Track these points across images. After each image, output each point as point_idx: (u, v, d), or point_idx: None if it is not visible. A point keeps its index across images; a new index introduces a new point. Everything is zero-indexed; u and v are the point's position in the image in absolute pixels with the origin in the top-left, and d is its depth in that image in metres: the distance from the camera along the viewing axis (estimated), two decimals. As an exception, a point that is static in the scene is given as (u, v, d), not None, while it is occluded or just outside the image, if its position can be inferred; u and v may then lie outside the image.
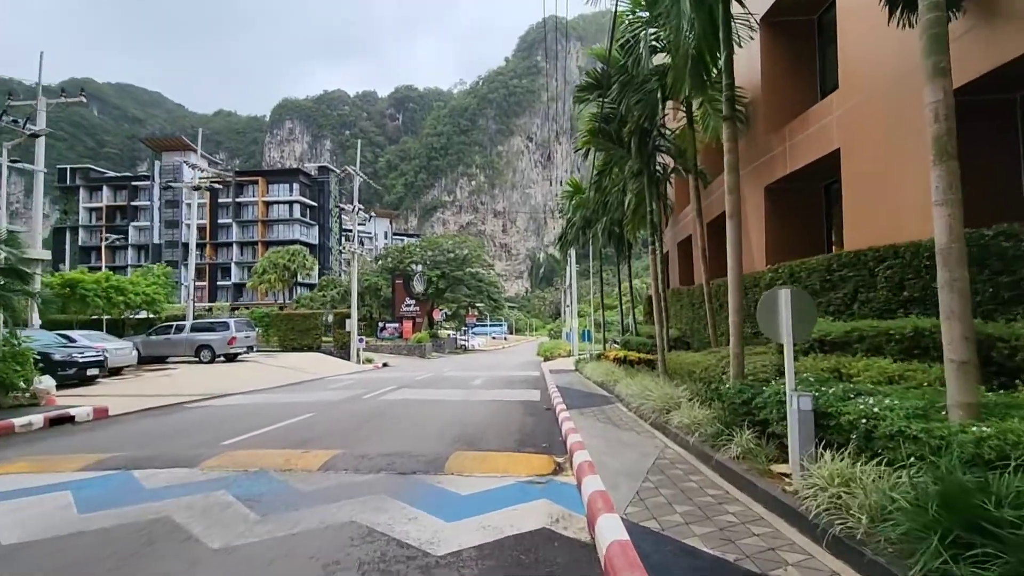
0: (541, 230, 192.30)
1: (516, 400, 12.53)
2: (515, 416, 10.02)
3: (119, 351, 18.15)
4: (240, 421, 9.69)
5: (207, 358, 22.56)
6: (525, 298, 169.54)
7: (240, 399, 13.82)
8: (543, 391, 14.47)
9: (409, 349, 40.45)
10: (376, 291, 50.54)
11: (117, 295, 22.54)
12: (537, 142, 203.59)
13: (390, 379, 19.24)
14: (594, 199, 17.09)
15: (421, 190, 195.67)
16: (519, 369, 24.51)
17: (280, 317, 30.54)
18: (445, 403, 11.99)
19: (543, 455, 6.38)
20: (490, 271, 57.24)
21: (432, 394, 13.87)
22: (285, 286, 57.75)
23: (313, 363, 25.52)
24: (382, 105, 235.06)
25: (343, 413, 10.36)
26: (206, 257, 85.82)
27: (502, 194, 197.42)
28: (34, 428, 9.42)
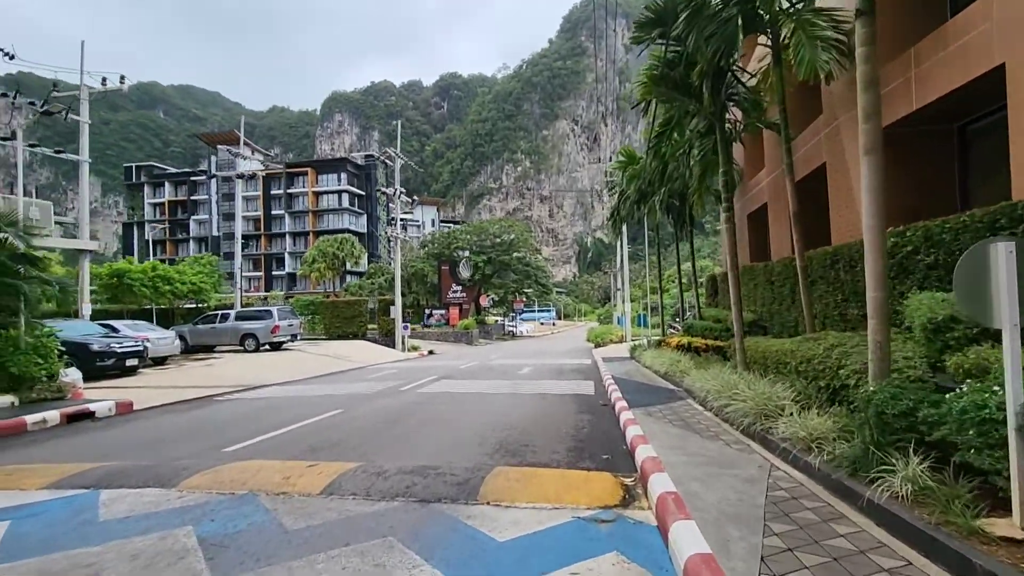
0: (588, 214, 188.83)
1: (568, 393, 11.12)
2: (567, 413, 8.62)
3: (161, 340, 17.90)
4: (260, 419, 8.73)
5: (251, 347, 22.27)
6: (573, 283, 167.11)
7: (273, 391, 13.05)
8: (597, 382, 12.99)
9: (456, 336, 39.65)
10: (423, 278, 50.02)
11: (164, 284, 22.52)
12: (583, 124, 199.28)
13: (433, 368, 18.21)
14: (651, 168, 15.28)
15: (467, 177, 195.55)
16: (569, 356, 23.05)
17: (325, 305, 30.21)
18: (488, 397, 10.72)
19: (605, 473, 4.96)
20: (537, 256, 55.75)
21: (475, 386, 12.65)
22: (335, 274, 58.21)
23: (357, 351, 24.92)
24: (427, 94, 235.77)
25: (373, 410, 9.25)
26: (261, 248, 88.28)
27: (548, 179, 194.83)
28: (48, 425, 8.78)
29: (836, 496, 3.82)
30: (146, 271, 22.14)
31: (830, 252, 8.90)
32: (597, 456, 5.77)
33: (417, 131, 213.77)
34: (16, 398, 9.70)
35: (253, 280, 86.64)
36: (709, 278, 19.64)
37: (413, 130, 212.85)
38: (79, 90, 20.24)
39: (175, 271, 23.65)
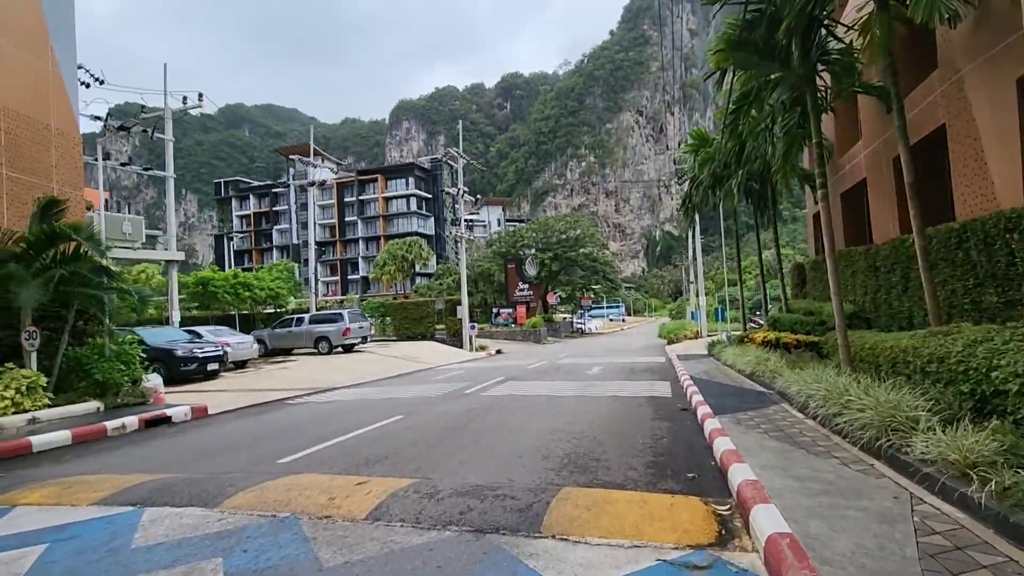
0: (656, 207, 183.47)
1: (642, 396, 10.25)
2: (642, 419, 7.80)
3: (241, 345, 18.59)
4: (322, 426, 8.54)
5: (324, 349, 22.82)
6: (642, 278, 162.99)
7: (341, 394, 13.03)
8: (673, 382, 12.00)
9: (524, 334, 39.21)
10: (489, 277, 50.01)
11: (244, 291, 23.56)
12: (648, 115, 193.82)
13: (499, 369, 17.77)
14: (726, 149, 14.02)
15: (532, 176, 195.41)
16: (641, 354, 21.93)
17: (394, 306, 30.66)
18: (556, 401, 10.06)
19: (692, 498, 4.18)
20: (604, 251, 54.30)
21: (542, 388, 12.02)
22: (404, 276, 59.55)
23: (425, 352, 24.99)
24: (490, 96, 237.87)
25: (435, 416, 8.83)
26: (336, 253, 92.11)
27: (613, 173, 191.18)
28: (127, 431, 9.02)
29: (1020, 547, 2.85)
30: (228, 279, 23.25)
31: (955, 229, 7.51)
32: (681, 474, 4.97)
33: (481, 133, 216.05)
34: (102, 403, 10.11)
35: (330, 284, 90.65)
36: (794, 267, 17.93)
37: (477, 132, 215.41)
38: (163, 111, 21.40)
39: (254, 278, 24.72)
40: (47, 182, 10.82)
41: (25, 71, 10.54)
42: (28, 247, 9.09)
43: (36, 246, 9.11)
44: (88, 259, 9.64)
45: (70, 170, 11.48)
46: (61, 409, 9.45)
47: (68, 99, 11.62)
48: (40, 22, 10.90)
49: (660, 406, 9.02)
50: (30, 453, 7.56)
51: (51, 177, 10.97)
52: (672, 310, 73.74)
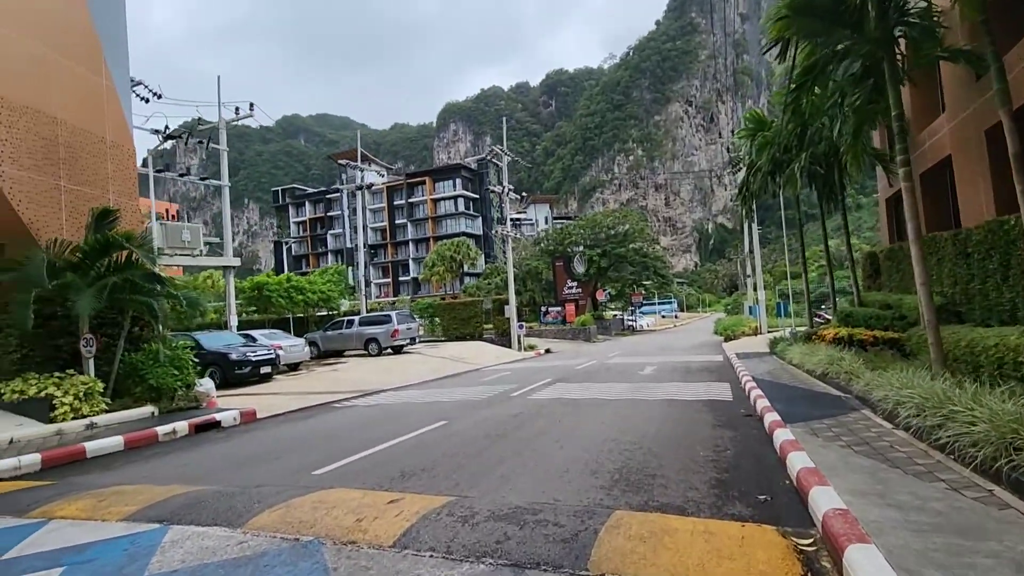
0: (708, 199, 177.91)
1: (700, 399, 9.52)
2: (702, 427, 7.14)
3: (293, 348, 18.92)
4: (363, 432, 8.33)
5: (374, 351, 23.00)
6: (695, 273, 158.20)
7: (387, 397, 12.91)
8: (734, 384, 11.16)
9: (573, 333, 38.53)
10: (537, 275, 49.56)
11: (296, 294, 24.08)
12: (697, 105, 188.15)
13: (547, 369, 17.28)
14: (787, 131, 12.97)
15: (578, 172, 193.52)
16: (696, 352, 20.90)
17: (442, 307, 30.68)
18: (606, 405, 9.48)
19: (767, 528, 3.57)
20: (655, 246, 52.72)
21: (592, 390, 11.45)
22: (453, 276, 59.96)
23: (473, 352, 24.80)
24: (535, 94, 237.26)
25: (476, 423, 8.44)
26: (387, 256, 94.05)
27: (662, 166, 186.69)
28: (177, 436, 9.11)
29: None
30: (281, 283, 23.82)
31: (1072, 207, 6.45)
32: (750, 495, 4.35)
33: (527, 132, 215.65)
34: (156, 408, 10.31)
35: (382, 286, 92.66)
36: (866, 256, 16.52)
37: (523, 131, 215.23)
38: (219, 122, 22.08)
39: (306, 282, 25.25)
40: (103, 193, 11.16)
41: (81, 86, 10.90)
42: (84, 256, 9.34)
43: (91, 255, 9.35)
44: (140, 266, 9.83)
45: (125, 180, 11.82)
46: (118, 414, 9.67)
47: (122, 112, 11.97)
48: (93, 38, 11.25)
49: (721, 411, 8.29)
50: (84, 459, 7.70)
51: (107, 188, 11.32)
52: (727, 305, 70.86)
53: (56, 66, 10.25)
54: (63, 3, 10.63)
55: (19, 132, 9.26)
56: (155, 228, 19.29)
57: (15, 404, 9.08)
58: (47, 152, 9.85)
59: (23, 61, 9.58)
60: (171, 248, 19.36)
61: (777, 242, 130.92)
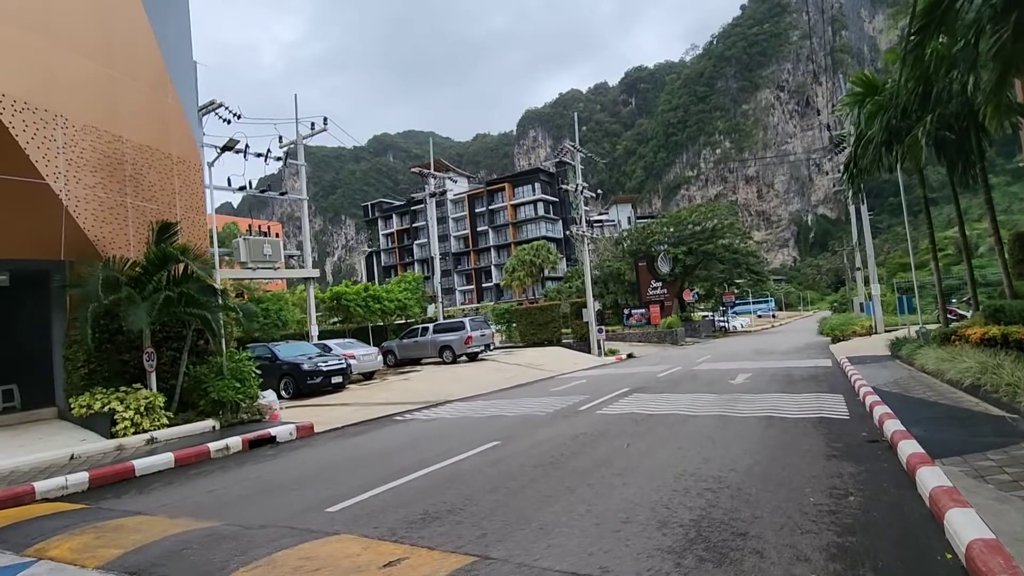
0: (805, 189, 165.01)
1: (806, 416, 7.84)
2: (812, 458, 5.61)
3: (366, 357, 18.85)
4: (408, 453, 7.56)
5: (448, 358, 22.58)
6: (794, 269, 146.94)
7: (450, 409, 12.18)
8: (849, 397, 9.26)
9: (659, 336, 36.37)
10: (619, 276, 47.58)
11: (374, 303, 24.28)
12: (790, 90, 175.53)
13: (625, 377, 15.84)
14: (907, 89, 10.77)
15: (662, 170, 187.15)
16: (798, 356, 18.47)
17: (519, 312, 29.89)
18: (687, 423, 8.06)
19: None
20: (747, 241, 48.84)
21: (671, 403, 10.00)
22: (534, 281, 59.23)
23: (550, 359, 23.72)
24: (614, 93, 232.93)
25: (532, 445, 7.38)
26: (470, 263, 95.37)
27: (753, 157, 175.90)
28: (230, 452, 8.84)
29: None
30: (359, 292, 24.12)
31: None
32: (892, 579, 2.95)
33: (607, 132, 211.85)
34: (217, 422, 10.20)
35: (467, 293, 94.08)
36: (1014, 237, 13.58)
37: (603, 132, 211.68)
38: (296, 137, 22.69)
39: (383, 290, 25.45)
40: (170, 208, 11.36)
41: (145, 104, 11.15)
42: (143, 271, 9.38)
43: (149, 269, 9.39)
44: (197, 279, 9.75)
45: (192, 195, 12.02)
46: (179, 428, 9.62)
47: (188, 128, 12.21)
48: (157, 57, 11.52)
49: (836, 434, 6.65)
50: (132, 477, 7.52)
51: (174, 203, 11.52)
52: (834, 302, 64.46)
53: (119, 85, 10.50)
54: (127, 24, 10.91)
55: (82, 151, 9.47)
56: (240, 243, 20.05)
57: (83, 419, 9.25)
58: (112, 170, 10.06)
59: (86, 82, 9.84)
60: (254, 262, 20.03)
61: (889, 232, 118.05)
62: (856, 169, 13.30)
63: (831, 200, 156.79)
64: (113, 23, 10.66)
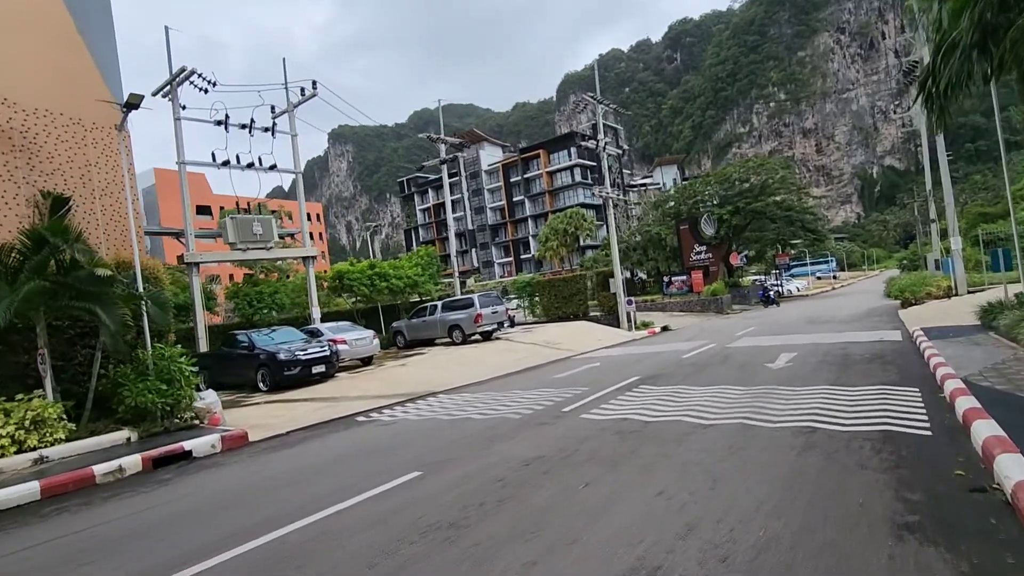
0: (870, 139, 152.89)
1: (864, 430, 5.37)
2: (868, 533, 3.27)
3: (359, 342, 17.19)
4: (317, 481, 5.72)
5: (458, 339, 20.72)
6: (858, 226, 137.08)
7: (425, 406, 10.28)
8: (929, 392, 6.67)
9: (703, 304, 33.40)
10: (660, 242, 44.32)
11: (380, 281, 22.61)
12: (851, 32, 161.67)
13: (645, 359, 13.48)
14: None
15: (711, 128, 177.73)
16: (858, 327, 15.49)
17: (542, 284, 27.62)
18: (689, 439, 5.76)
19: None
20: (803, 196, 44.21)
21: (683, 401, 7.65)
22: (568, 251, 56.44)
23: (573, 336, 21.46)
24: (657, 50, 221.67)
25: (459, 482, 5.30)
26: (507, 235, 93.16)
27: (810, 108, 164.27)
28: (125, 474, 7.23)
29: None
30: (364, 270, 22.48)
31: None
32: None
33: (651, 92, 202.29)
34: (135, 432, 8.66)
35: (505, 266, 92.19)
36: None
37: (647, 92, 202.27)
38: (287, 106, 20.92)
39: (391, 267, 23.72)
40: (84, 183, 9.74)
41: (43, 64, 9.44)
42: (20, 256, 7.76)
43: (26, 254, 7.75)
44: (84, 266, 8.06)
45: (116, 169, 10.36)
46: (82, 443, 8.10)
47: (107, 91, 10.48)
48: (60, 10, 9.76)
49: (911, 469, 4.24)
50: (-23, 516, 5.98)
51: (90, 178, 9.91)
52: (903, 259, 58.28)
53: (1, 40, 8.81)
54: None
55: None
56: (227, 223, 18.66)
57: (-36, 436, 7.84)
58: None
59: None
60: (244, 242, 18.64)
61: (966, 181, 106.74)
62: (936, 87, 10.15)
63: (899, 150, 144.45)
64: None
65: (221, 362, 15.46)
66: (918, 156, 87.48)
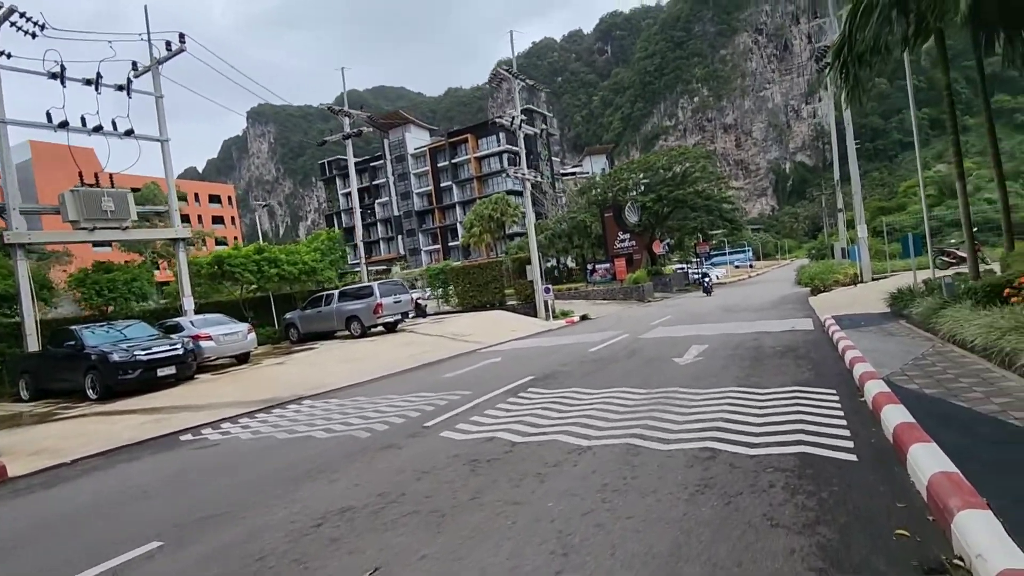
0: (784, 136, 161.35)
1: (775, 453, 4.08)
2: None
3: (228, 337, 14.79)
4: (33, 552, 3.71)
5: (357, 331, 18.63)
6: (772, 217, 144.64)
7: (279, 416, 8.38)
8: (845, 393, 5.58)
9: (625, 292, 32.90)
10: (585, 229, 43.65)
11: (269, 268, 20.03)
12: (768, 33, 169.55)
13: (550, 353, 12.15)
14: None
15: (639, 120, 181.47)
16: (771, 315, 14.93)
17: (456, 272, 25.89)
18: (556, 475, 4.28)
19: None
20: (721, 186, 44.88)
21: (570, 412, 6.22)
22: (493, 237, 54.82)
23: (484, 326, 19.93)
24: (589, 41, 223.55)
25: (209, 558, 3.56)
26: (435, 221, 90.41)
27: (731, 104, 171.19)
28: None
29: None
30: (249, 255, 19.82)
31: None
32: None
33: (583, 82, 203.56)
34: None
35: (432, 253, 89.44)
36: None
37: (579, 82, 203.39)
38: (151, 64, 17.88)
39: (284, 252, 21.15)
40: None
41: None
42: None
43: None
44: None
45: None
46: None
47: None
48: None
49: (837, 518, 2.94)
50: None
51: None
52: (812, 249, 61.33)
53: None
54: None
55: None
56: (66, 197, 15.59)
57: None
58: None
59: None
60: (90, 220, 15.66)
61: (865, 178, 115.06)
62: (850, 54, 9.30)
63: (809, 147, 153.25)
64: None
65: (46, 365, 12.72)
66: (825, 153, 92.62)
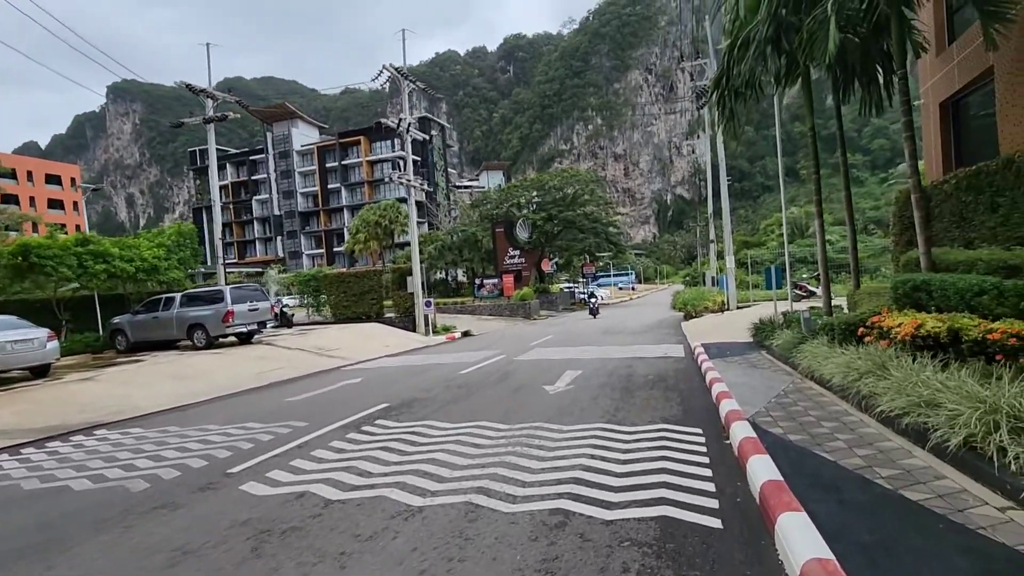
0: (667, 169, 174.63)
1: (634, 518, 3.36)
2: None
3: (18, 345, 11.90)
4: None
5: (201, 341, 16.13)
6: (653, 244, 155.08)
7: (58, 454, 6.36)
8: (711, 433, 5.12)
9: (511, 309, 32.60)
10: (475, 243, 43.04)
11: (95, 263, 16.79)
12: (657, 73, 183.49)
13: (421, 372, 11.03)
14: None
15: (537, 141, 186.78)
16: (648, 339, 15.03)
17: (330, 279, 23.86)
18: (383, 538, 3.23)
19: None
20: (608, 210, 46.67)
21: (420, 446, 5.18)
22: (379, 245, 52.32)
23: (355, 340, 18.28)
24: (492, 59, 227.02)
25: None
26: (320, 224, 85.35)
27: (622, 135, 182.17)
28: None
29: None
30: (67, 246, 16.47)
31: None
32: None
33: (484, 98, 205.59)
34: None
35: (315, 257, 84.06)
36: (901, 198, 10.76)
37: (480, 97, 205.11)
38: None
39: (118, 245, 17.91)
40: None
41: None
42: None
43: None
44: None
45: None
46: None
47: None
48: None
49: None
50: None
51: None
52: (687, 275, 66.01)
53: None
54: None
55: None
56: None
57: None
58: None
59: None
60: None
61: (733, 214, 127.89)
62: (728, 86, 9.40)
63: (687, 182, 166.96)
64: None
65: None
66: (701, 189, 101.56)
